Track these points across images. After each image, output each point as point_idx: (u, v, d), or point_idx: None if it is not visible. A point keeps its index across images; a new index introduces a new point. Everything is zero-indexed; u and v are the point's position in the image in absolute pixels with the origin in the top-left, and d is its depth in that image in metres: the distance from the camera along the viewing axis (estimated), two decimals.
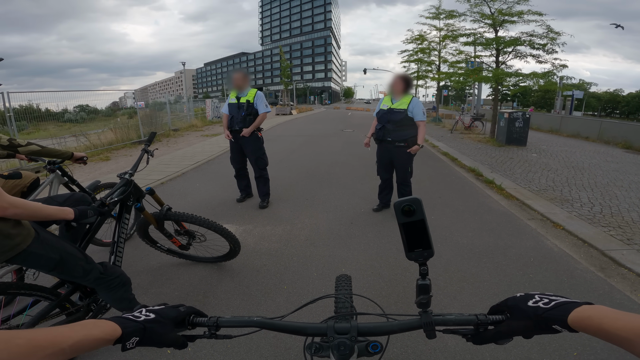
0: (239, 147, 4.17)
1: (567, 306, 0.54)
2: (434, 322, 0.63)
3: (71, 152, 2.55)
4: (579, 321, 0.52)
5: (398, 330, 0.66)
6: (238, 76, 4.02)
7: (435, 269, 2.86)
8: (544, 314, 0.56)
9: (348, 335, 0.65)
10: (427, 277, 0.67)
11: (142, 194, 2.09)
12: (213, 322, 0.66)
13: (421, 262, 0.66)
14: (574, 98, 25.79)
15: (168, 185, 5.45)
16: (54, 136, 9.27)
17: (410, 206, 0.64)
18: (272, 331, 0.68)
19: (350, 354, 0.65)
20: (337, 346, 0.64)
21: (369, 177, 5.87)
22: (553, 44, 9.22)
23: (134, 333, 0.57)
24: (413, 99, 3.53)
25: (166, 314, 0.64)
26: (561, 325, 0.54)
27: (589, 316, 0.51)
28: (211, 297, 2.46)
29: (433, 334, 0.64)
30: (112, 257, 1.89)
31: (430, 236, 0.65)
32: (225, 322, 0.67)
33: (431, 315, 0.64)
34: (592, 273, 2.92)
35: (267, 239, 3.38)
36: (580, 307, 0.53)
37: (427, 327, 0.63)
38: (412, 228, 0.64)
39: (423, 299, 0.65)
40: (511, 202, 4.80)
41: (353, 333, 0.65)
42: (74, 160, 2.58)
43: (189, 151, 8.67)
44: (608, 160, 8.10)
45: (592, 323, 0.50)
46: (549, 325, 0.55)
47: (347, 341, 0.64)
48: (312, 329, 0.67)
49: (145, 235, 2.44)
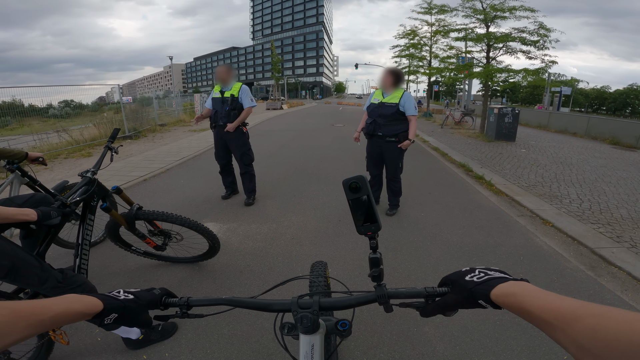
0: (224, 142, 4.01)
1: (493, 281, 0.54)
2: (387, 295, 0.67)
3: (25, 152, 2.36)
4: (501, 297, 0.51)
5: (356, 304, 0.70)
6: (222, 69, 3.85)
7: (425, 268, 2.79)
8: (473, 288, 0.56)
9: (310, 310, 0.69)
10: (377, 250, 0.70)
11: (107, 193, 1.94)
12: (184, 302, 0.70)
13: (370, 237, 0.70)
14: (562, 94, 26.11)
15: (151, 181, 5.26)
16: (38, 132, 8.98)
17: (356, 183, 0.69)
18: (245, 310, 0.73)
19: (315, 328, 0.70)
20: (300, 319, 0.68)
21: (358, 172, 5.73)
22: (544, 41, 9.23)
23: (114, 310, 0.60)
24: (405, 93, 3.42)
25: (143, 296, 0.67)
26: (485, 301, 0.54)
27: (513, 293, 0.50)
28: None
29: (389, 307, 0.68)
30: (77, 260, 1.75)
31: (377, 211, 0.69)
32: (195, 301, 0.71)
33: (384, 288, 0.68)
34: (582, 272, 2.88)
35: (251, 238, 3.26)
36: (507, 283, 0.52)
37: (381, 300, 0.67)
38: (360, 204, 0.69)
39: (375, 271, 0.69)
40: (501, 198, 4.77)
41: (315, 307, 0.69)
42: (30, 161, 2.40)
43: (175, 146, 8.44)
44: (596, 156, 8.17)
45: (514, 300, 0.49)
46: (476, 300, 0.55)
47: (309, 314, 0.68)
48: (277, 305, 0.72)
49: (117, 239, 2.29)
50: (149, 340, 1.89)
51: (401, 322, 2.13)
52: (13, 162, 2.31)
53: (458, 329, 2.09)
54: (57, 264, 2.68)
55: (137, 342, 1.85)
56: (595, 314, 0.38)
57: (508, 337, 2.03)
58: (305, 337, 0.74)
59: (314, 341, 0.74)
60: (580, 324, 0.38)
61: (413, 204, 4.31)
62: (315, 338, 0.74)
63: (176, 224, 2.16)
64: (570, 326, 0.39)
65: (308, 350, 0.74)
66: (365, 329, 2.08)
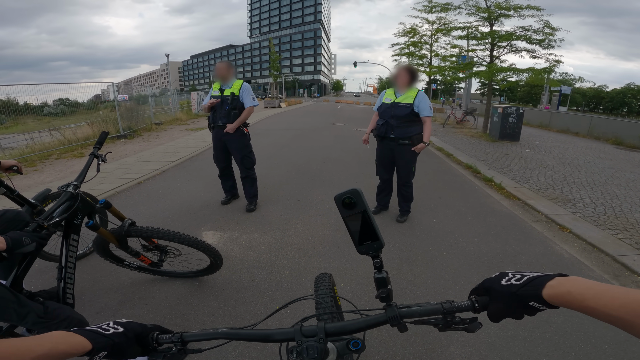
0: (223, 144, 3.77)
1: (539, 280, 0.52)
2: (399, 315, 0.62)
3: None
4: (556, 296, 0.49)
5: (365, 327, 0.66)
6: (221, 66, 3.60)
7: (444, 281, 2.59)
8: (517, 292, 0.53)
9: (316, 338, 0.63)
10: (383, 269, 0.65)
11: (93, 208, 1.69)
12: (177, 337, 0.65)
13: (373, 255, 0.64)
14: (561, 94, 26.04)
15: (146, 184, 5.01)
16: (31, 130, 8.71)
17: (350, 198, 0.62)
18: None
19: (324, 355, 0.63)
20: (305, 350, 0.62)
21: (363, 175, 5.57)
22: (550, 40, 9.05)
23: (103, 348, 0.58)
24: (419, 93, 3.19)
25: (133, 328, 0.64)
26: (538, 302, 0.51)
27: (568, 291, 0.48)
28: (192, 319, 2.11)
29: (403, 326, 0.63)
30: (60, 284, 1.52)
31: (377, 227, 0.63)
32: (190, 336, 0.66)
33: (396, 308, 0.63)
34: (607, 281, 2.73)
35: (255, 249, 3.03)
36: (553, 279, 0.50)
37: (393, 321, 0.62)
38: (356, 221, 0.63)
39: (382, 292, 0.64)
40: (513, 202, 4.59)
41: (320, 335, 0.63)
42: (4, 170, 2.14)
43: (171, 146, 8.17)
44: (602, 157, 8.04)
45: (573, 299, 0.47)
46: (526, 303, 0.52)
47: (315, 344, 0.62)
48: (279, 335, 0.66)
49: (107, 254, 2.05)
50: None
51: (424, 343, 1.95)
52: None
53: (486, 347, 1.94)
54: (42, 278, 2.47)
55: None
56: None
57: (540, 354, 1.89)
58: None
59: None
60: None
61: (424, 209, 4.10)
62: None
63: (173, 241, 1.93)
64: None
65: None
66: (385, 352, 1.89)
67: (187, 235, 1.96)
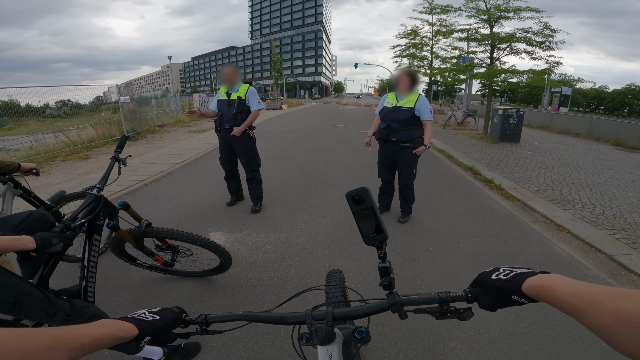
0: (229, 147, 3.86)
1: (522, 276, 0.57)
2: (400, 302, 0.68)
3: (17, 164, 2.21)
4: (532, 289, 0.54)
5: (369, 313, 0.72)
6: (229, 70, 3.69)
7: (445, 280, 2.68)
8: (502, 286, 0.58)
9: (324, 321, 0.69)
10: (387, 260, 0.71)
11: (114, 210, 1.79)
12: (202, 319, 0.74)
13: (377, 246, 0.71)
14: (562, 94, 26.11)
15: (152, 186, 5.11)
16: (34, 132, 8.80)
17: (359, 195, 0.69)
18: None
19: (331, 338, 0.70)
20: (315, 331, 0.68)
21: (365, 177, 5.66)
22: (550, 42, 9.13)
23: (148, 333, 0.64)
24: (420, 97, 3.29)
25: (167, 315, 0.70)
26: (518, 295, 0.56)
27: (542, 284, 0.53)
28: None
29: (403, 314, 0.69)
30: (82, 283, 1.61)
31: (382, 221, 0.70)
32: (213, 318, 0.74)
33: (396, 296, 0.69)
34: (603, 280, 2.84)
35: (261, 249, 3.12)
36: (535, 276, 0.55)
37: (394, 308, 0.68)
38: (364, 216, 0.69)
39: (385, 280, 0.71)
40: (512, 203, 4.67)
41: (329, 318, 0.70)
42: (23, 173, 2.25)
43: (175, 148, 8.28)
44: (601, 158, 8.10)
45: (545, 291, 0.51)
46: (509, 296, 0.58)
47: (323, 326, 0.68)
48: (292, 318, 0.73)
49: (122, 253, 2.14)
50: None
51: (426, 338, 2.04)
52: (5, 173, 2.16)
53: (486, 342, 2.02)
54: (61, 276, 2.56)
55: None
56: (618, 296, 0.41)
57: (538, 349, 1.97)
58: (322, 347, 0.73)
59: (332, 351, 0.73)
60: (605, 306, 0.41)
61: (425, 210, 4.19)
62: (333, 348, 0.73)
63: (186, 242, 2.02)
64: (596, 309, 0.42)
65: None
66: (389, 346, 1.97)
67: (200, 236, 2.05)
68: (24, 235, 1.18)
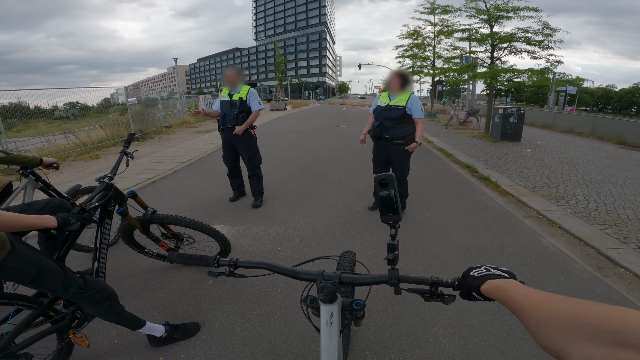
0: (232, 145, 4.06)
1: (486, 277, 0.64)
2: (397, 277, 0.80)
3: (40, 158, 2.42)
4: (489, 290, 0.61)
5: (371, 282, 0.85)
6: (231, 73, 3.90)
7: (432, 270, 2.82)
8: (470, 282, 0.66)
9: (332, 281, 0.83)
10: (396, 238, 0.84)
11: (123, 197, 1.99)
12: (232, 262, 0.92)
13: (391, 225, 0.83)
14: (567, 94, 25.93)
15: (159, 184, 5.33)
16: (44, 133, 9.10)
17: (385, 180, 0.81)
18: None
19: (333, 298, 0.83)
20: (322, 288, 0.81)
21: (363, 174, 5.81)
22: (549, 41, 9.19)
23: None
24: (411, 96, 3.45)
25: None
26: (476, 293, 0.64)
27: (500, 287, 0.59)
28: (203, 301, 2.38)
29: (398, 289, 0.82)
30: (94, 263, 1.80)
31: (399, 204, 0.82)
32: (241, 262, 0.92)
33: (396, 272, 0.81)
34: (589, 273, 2.90)
35: (260, 240, 3.30)
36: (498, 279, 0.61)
37: (392, 280, 0.80)
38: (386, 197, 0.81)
39: (390, 255, 0.82)
40: (507, 199, 4.78)
41: (335, 280, 0.83)
42: (45, 167, 2.46)
43: (181, 148, 8.52)
44: (602, 156, 8.13)
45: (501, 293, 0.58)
46: (470, 292, 0.66)
47: (329, 285, 0.82)
48: (305, 274, 0.87)
49: (131, 241, 2.35)
50: (172, 338, 1.94)
51: (410, 323, 2.17)
52: (27, 167, 2.37)
53: (467, 329, 2.13)
54: (72, 265, 2.76)
55: (160, 340, 1.90)
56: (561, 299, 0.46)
57: (516, 337, 2.06)
58: (325, 306, 0.85)
59: (333, 310, 0.85)
60: (547, 305, 0.47)
61: (419, 205, 4.33)
62: (334, 308, 0.85)
63: (189, 227, 2.21)
64: (537, 307, 0.48)
65: (328, 318, 0.85)
66: (375, 329, 2.12)
67: (200, 222, 2.25)
68: (47, 215, 1.36)
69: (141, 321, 1.80)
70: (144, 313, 2.21)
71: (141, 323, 1.80)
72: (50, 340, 1.64)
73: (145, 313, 2.23)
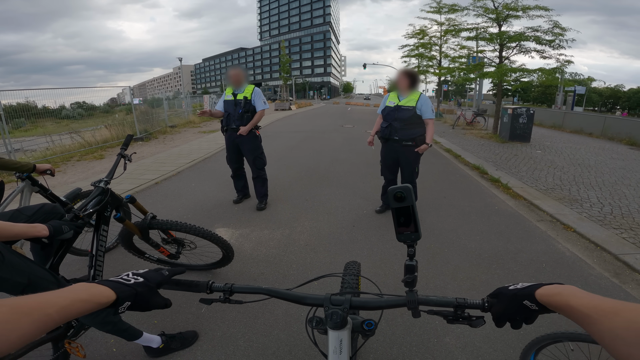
0: (236, 146, 3.97)
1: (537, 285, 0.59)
2: (417, 301, 0.70)
3: (33, 164, 2.33)
4: (547, 296, 0.55)
5: (385, 306, 0.74)
6: (235, 72, 3.81)
7: (443, 276, 2.70)
8: (517, 292, 0.61)
9: (341, 307, 0.72)
10: (414, 258, 0.73)
11: (120, 202, 1.90)
12: (228, 287, 0.78)
13: (409, 244, 0.72)
14: (576, 93, 25.55)
15: (162, 185, 5.27)
16: (51, 133, 9.12)
17: (401, 193, 0.69)
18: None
19: (343, 324, 0.73)
20: (330, 315, 0.72)
21: (370, 176, 5.70)
22: (560, 41, 8.99)
23: (127, 298, 0.58)
24: (421, 96, 3.33)
25: (152, 277, 0.65)
26: (530, 300, 0.58)
27: (559, 292, 0.54)
28: (205, 308, 2.29)
29: (417, 312, 0.71)
30: (91, 271, 1.72)
31: (418, 221, 0.70)
32: (238, 288, 0.78)
33: (416, 294, 0.71)
34: (606, 279, 2.80)
35: (264, 244, 3.21)
36: (552, 285, 0.56)
37: (411, 305, 0.70)
38: (402, 213, 0.70)
39: (408, 277, 0.72)
40: (518, 202, 4.64)
41: (346, 305, 0.72)
42: (40, 173, 2.38)
43: (186, 148, 8.47)
44: (614, 158, 7.94)
45: (559, 299, 0.53)
46: (520, 302, 0.59)
47: (339, 311, 0.71)
48: (311, 299, 0.76)
49: (131, 247, 2.26)
50: (169, 349, 1.86)
51: (421, 333, 2.07)
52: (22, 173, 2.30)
53: (480, 339, 2.03)
54: (69, 270, 2.69)
55: (158, 351, 1.83)
56: (632, 309, 0.43)
57: None
58: (334, 332, 0.75)
59: (342, 336, 0.76)
60: (619, 317, 0.43)
61: (428, 208, 4.21)
62: (344, 333, 0.76)
63: (190, 233, 2.13)
64: (609, 319, 0.44)
65: (337, 345, 0.76)
66: (384, 340, 2.02)
67: (202, 228, 2.15)
68: (38, 223, 1.28)
69: (138, 332, 1.72)
70: (143, 321, 2.12)
71: (138, 334, 1.72)
72: (46, 349, 1.56)
73: (145, 321, 2.14)
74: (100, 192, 1.72)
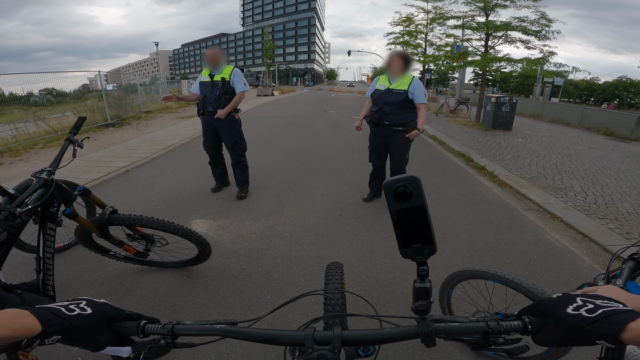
0: (213, 130, 3.67)
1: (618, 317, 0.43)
2: (433, 332, 0.52)
3: None
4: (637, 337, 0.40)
5: (390, 340, 0.55)
6: (211, 52, 3.47)
7: (437, 270, 2.57)
8: (586, 327, 0.44)
9: (330, 347, 0.54)
10: (428, 278, 0.54)
11: (70, 195, 1.60)
12: (168, 330, 0.58)
13: (420, 261, 0.53)
14: (554, 85, 26.13)
15: (134, 173, 4.88)
16: (16, 120, 8.44)
17: (405, 187, 0.49)
18: None
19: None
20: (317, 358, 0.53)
21: (356, 162, 5.52)
22: (547, 32, 8.99)
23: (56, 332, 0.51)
24: (414, 79, 3.12)
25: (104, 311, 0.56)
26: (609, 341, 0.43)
27: None
28: (181, 311, 2.06)
29: (433, 342, 0.53)
30: (40, 275, 1.45)
31: (432, 228, 0.51)
32: (182, 329, 0.58)
33: (430, 323, 0.53)
34: (597, 271, 2.75)
35: (246, 237, 2.97)
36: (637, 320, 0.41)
37: (425, 337, 0.52)
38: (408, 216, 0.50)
39: (421, 305, 0.53)
40: (505, 190, 4.59)
41: (336, 343, 0.54)
42: None
43: (161, 134, 7.99)
44: (592, 147, 8.10)
45: None
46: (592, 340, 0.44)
47: (328, 354, 0.53)
48: (287, 338, 0.56)
49: (92, 244, 1.96)
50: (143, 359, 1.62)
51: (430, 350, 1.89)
52: None
53: None
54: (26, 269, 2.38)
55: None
56: None
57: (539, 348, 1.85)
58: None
59: None
60: None
61: None
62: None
63: (158, 229, 1.85)
64: None
65: None
66: (386, 354, 1.81)
67: (172, 223, 1.89)
68: None
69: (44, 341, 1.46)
70: None
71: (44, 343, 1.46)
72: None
73: None
74: (42, 184, 1.43)
